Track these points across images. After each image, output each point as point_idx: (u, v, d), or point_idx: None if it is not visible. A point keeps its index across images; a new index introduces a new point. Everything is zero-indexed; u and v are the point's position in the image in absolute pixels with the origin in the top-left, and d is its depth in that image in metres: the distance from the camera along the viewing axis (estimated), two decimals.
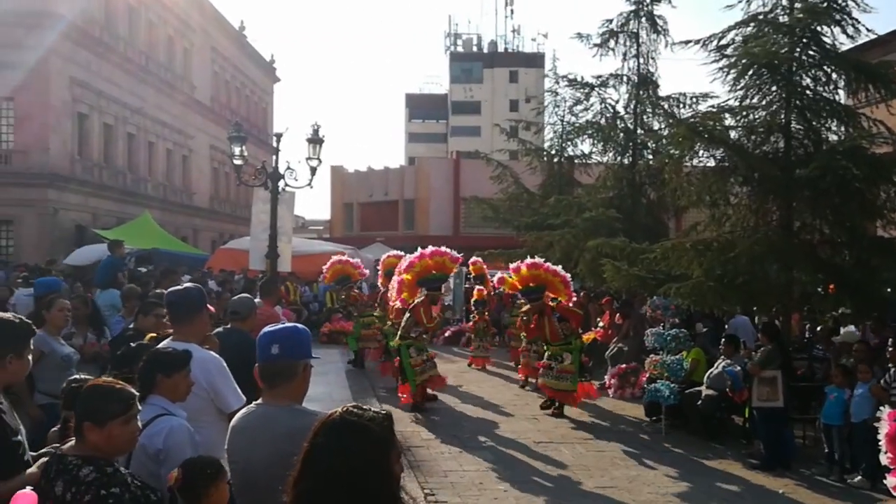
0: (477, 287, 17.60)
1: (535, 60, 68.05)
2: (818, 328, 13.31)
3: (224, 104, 42.70)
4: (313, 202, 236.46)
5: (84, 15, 28.06)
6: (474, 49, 74.13)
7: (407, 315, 11.59)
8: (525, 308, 12.36)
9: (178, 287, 4.48)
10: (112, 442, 2.86)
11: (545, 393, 11.78)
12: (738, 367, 9.53)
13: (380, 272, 16.52)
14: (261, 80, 50.53)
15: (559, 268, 11.96)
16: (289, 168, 13.22)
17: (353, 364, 15.90)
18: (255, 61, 49.34)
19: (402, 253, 14.81)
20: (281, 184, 13.18)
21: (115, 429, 2.86)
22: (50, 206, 26.55)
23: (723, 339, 10.86)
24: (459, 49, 74.01)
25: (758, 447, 9.39)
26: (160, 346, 4.06)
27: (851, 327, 13.20)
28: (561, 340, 11.50)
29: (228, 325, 6.36)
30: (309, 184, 13.59)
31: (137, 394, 3.01)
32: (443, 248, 12.10)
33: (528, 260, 12.07)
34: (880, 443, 6.13)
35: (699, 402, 10.41)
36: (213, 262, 23.47)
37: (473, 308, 17.04)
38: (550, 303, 11.85)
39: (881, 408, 6.51)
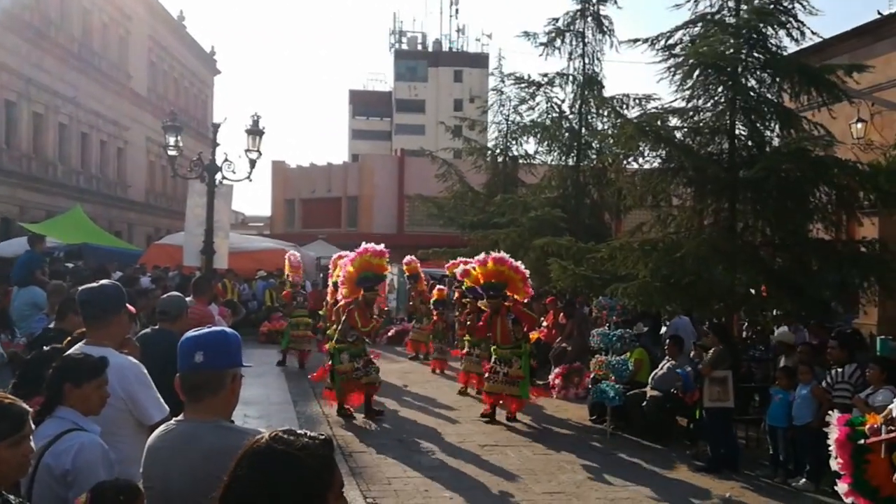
0: (438, 286, 17.10)
1: (480, 60, 68.16)
2: (757, 329, 13.46)
3: (162, 95, 41.39)
4: (254, 198, 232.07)
5: (14, 0, 26.81)
6: (419, 47, 73.80)
7: (343, 319, 11.08)
8: (478, 303, 11.96)
9: (93, 284, 4.05)
10: None
11: (485, 401, 11.27)
12: (689, 368, 9.43)
13: (331, 272, 16.12)
14: (200, 72, 49.18)
15: (520, 264, 11.49)
16: (226, 160, 12.71)
17: (279, 364, 15.52)
18: (195, 52, 47.97)
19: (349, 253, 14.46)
20: (218, 176, 12.65)
21: (3, 452, 2.47)
22: None
23: (667, 340, 10.84)
24: (404, 47, 73.61)
25: (703, 449, 9.36)
26: (71, 351, 3.65)
27: (784, 328, 13.40)
28: (511, 343, 11.01)
29: (157, 326, 5.97)
30: (248, 177, 13.09)
31: (30, 409, 2.62)
32: (383, 249, 11.46)
33: (494, 254, 11.59)
34: (830, 448, 6.06)
35: (644, 403, 10.36)
36: (146, 257, 22.63)
37: (433, 308, 16.27)
38: (506, 302, 11.40)
39: (829, 412, 6.47)
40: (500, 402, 11.09)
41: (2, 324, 6.97)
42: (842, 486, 5.95)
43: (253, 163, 12.96)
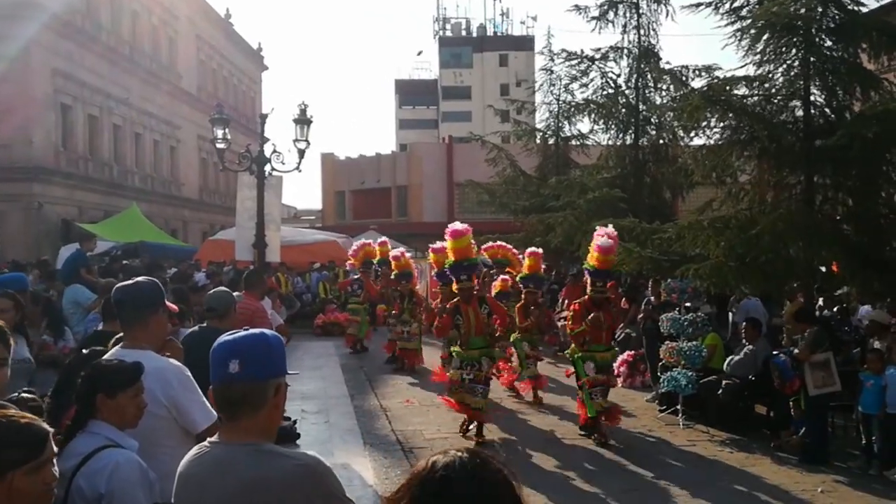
0: (501, 276, 13.87)
1: (525, 43, 67.33)
2: (835, 308, 12.68)
3: (211, 93, 41.65)
4: (305, 191, 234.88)
5: (66, 5, 27.14)
6: (463, 33, 73.12)
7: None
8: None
9: (128, 282, 3.70)
10: (14, 501, 2.11)
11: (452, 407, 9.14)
12: (784, 356, 8.71)
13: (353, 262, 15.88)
14: (248, 69, 49.48)
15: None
16: (275, 151, 12.42)
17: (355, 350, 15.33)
18: (242, 49, 48.26)
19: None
20: (267, 168, 12.37)
21: (19, 481, 2.11)
22: (34, 200, 25.74)
23: (744, 323, 10.18)
24: (448, 34, 73.00)
25: (787, 440, 8.72)
26: (106, 356, 3.30)
27: (867, 307, 12.57)
28: (484, 338, 8.99)
29: (204, 324, 5.66)
30: (297, 167, 12.77)
31: (50, 430, 2.25)
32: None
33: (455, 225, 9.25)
34: None
35: (720, 391, 9.76)
36: (201, 253, 22.72)
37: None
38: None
39: None
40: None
41: (50, 324, 6.73)
42: None
43: (302, 153, 12.64)
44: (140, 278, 3.79)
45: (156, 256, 19.15)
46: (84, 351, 4.10)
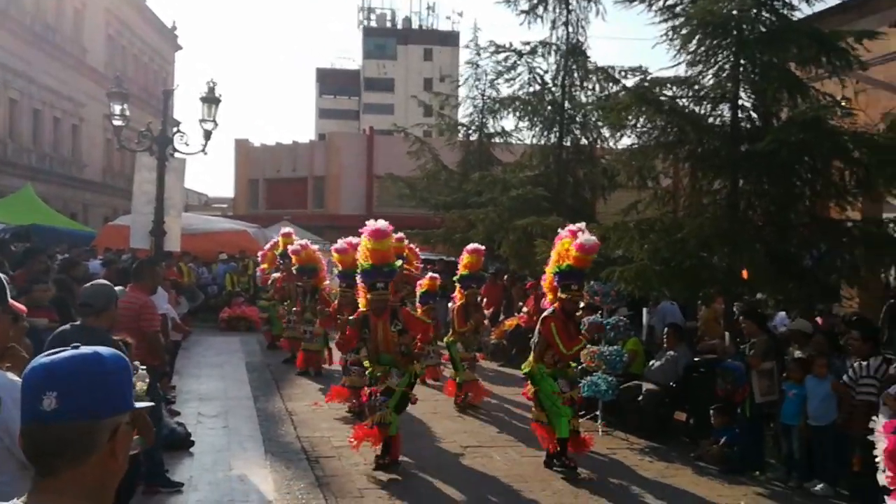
0: (430, 275, 12.74)
1: (450, 39, 67.18)
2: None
3: (120, 71, 39.43)
4: (218, 179, 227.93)
5: None
6: (388, 24, 72.26)
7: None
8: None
9: None
10: None
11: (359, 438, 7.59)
12: (737, 362, 8.46)
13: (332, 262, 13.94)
14: (161, 48, 47.18)
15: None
16: (178, 131, 11.48)
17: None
18: (155, 27, 45.95)
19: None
20: (169, 150, 11.41)
21: None
22: None
23: (665, 329, 9.99)
24: (373, 24, 72.01)
25: (706, 449, 8.50)
26: None
27: (783, 314, 12.65)
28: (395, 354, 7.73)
29: (77, 322, 4.89)
30: (203, 150, 11.81)
31: None
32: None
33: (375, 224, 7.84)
34: (877, 459, 5.24)
35: (639, 397, 9.52)
36: (99, 240, 21.27)
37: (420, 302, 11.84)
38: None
39: (874, 418, 5.64)
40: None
41: None
42: (893, 503, 5.20)
43: (208, 134, 11.69)
44: None
45: (47, 241, 17.74)
46: None
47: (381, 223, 7.79)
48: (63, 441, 1.53)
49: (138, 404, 1.70)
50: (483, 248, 11.42)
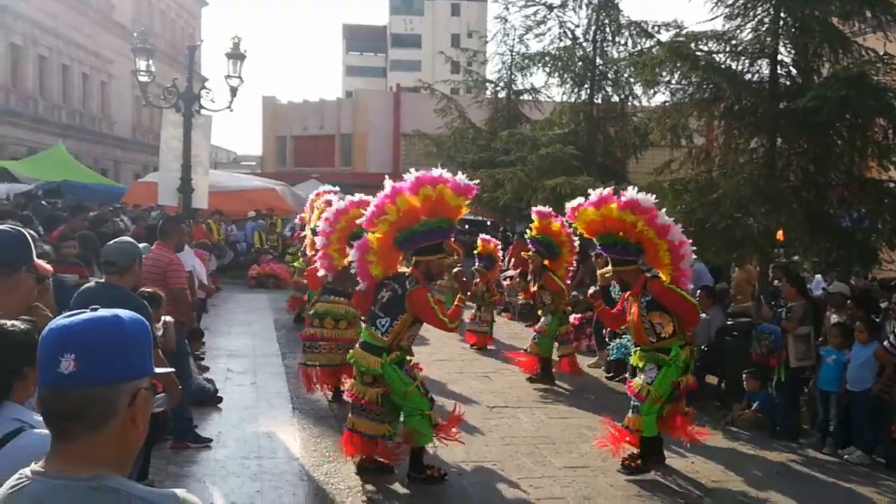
0: (482, 236, 12.38)
1: None
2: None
3: (147, 27, 39.37)
4: (246, 137, 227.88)
5: None
6: None
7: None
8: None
9: None
10: None
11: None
12: (775, 326, 8.29)
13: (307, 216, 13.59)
14: (187, 3, 46.96)
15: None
16: (204, 87, 11.37)
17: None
18: None
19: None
20: (195, 107, 11.33)
21: None
22: None
23: (698, 291, 9.78)
24: None
25: (738, 414, 8.38)
26: None
27: (819, 277, 12.39)
28: None
29: (102, 280, 4.86)
30: (229, 106, 11.72)
31: None
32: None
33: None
34: None
35: None
36: (128, 196, 21.40)
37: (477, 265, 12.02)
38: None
39: None
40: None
41: None
42: None
43: (234, 90, 11.59)
44: (3, 227, 2.99)
45: (81, 197, 17.88)
46: None
47: (461, 178, 6.50)
48: (81, 405, 1.46)
49: (158, 370, 1.62)
50: (551, 210, 10.34)
